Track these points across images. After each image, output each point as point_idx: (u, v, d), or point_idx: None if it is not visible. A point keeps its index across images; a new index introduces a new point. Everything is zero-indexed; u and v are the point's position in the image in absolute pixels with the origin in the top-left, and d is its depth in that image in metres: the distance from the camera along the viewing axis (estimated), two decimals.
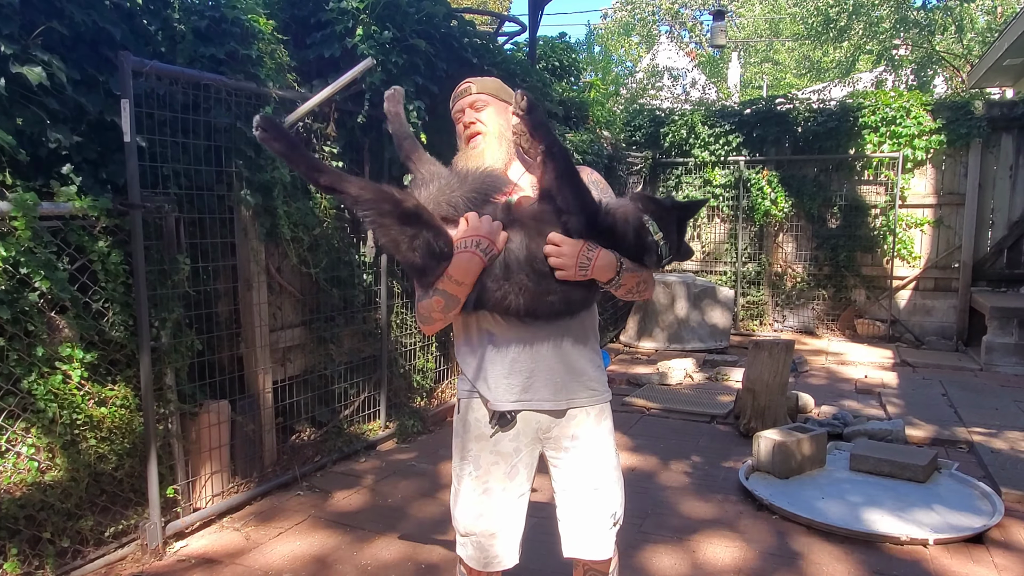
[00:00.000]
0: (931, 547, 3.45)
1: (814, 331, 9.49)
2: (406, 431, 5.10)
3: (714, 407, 5.92)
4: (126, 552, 3.32)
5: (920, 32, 15.29)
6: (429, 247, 1.82)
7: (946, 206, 8.85)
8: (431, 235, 1.82)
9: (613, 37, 27.72)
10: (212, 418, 3.76)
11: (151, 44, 3.50)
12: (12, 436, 2.92)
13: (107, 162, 3.30)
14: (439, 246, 1.83)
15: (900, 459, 4.30)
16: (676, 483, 4.34)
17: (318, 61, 4.47)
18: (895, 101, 8.86)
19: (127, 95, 3.12)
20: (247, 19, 3.74)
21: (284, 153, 1.75)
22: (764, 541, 3.56)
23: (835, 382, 7.01)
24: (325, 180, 1.77)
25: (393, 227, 1.79)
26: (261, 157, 3.90)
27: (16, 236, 2.84)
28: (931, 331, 8.99)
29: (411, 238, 1.80)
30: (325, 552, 3.45)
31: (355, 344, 4.96)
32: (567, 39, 9.84)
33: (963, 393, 6.40)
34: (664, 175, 10.09)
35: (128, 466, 3.34)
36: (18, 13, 2.87)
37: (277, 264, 4.36)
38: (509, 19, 6.80)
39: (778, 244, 9.63)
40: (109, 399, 3.23)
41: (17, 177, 2.96)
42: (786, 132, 9.37)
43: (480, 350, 2.03)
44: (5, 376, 2.87)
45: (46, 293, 2.97)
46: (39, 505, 2.99)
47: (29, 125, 2.95)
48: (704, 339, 8.51)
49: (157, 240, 3.44)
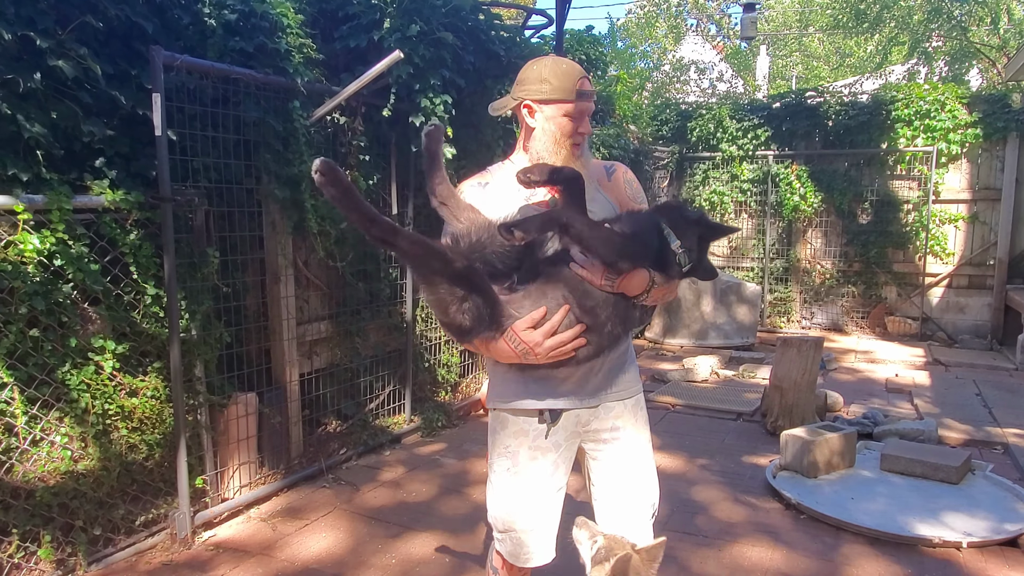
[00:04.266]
0: (964, 550, 3.38)
1: (843, 328, 9.35)
2: (431, 425, 5.11)
3: (740, 404, 5.86)
4: (156, 541, 3.37)
5: (954, 24, 14.94)
6: (478, 313, 1.76)
7: (981, 201, 8.65)
8: (481, 300, 1.76)
9: (639, 30, 27.47)
10: (240, 410, 3.80)
11: (182, 38, 3.52)
12: (46, 425, 2.97)
13: (138, 156, 3.34)
14: (487, 313, 1.77)
15: (932, 460, 4.21)
16: (702, 481, 4.30)
17: (345, 54, 4.48)
18: (929, 94, 8.68)
19: (158, 89, 3.15)
20: (276, 13, 3.75)
21: (339, 199, 1.66)
22: (792, 542, 3.52)
23: (865, 380, 6.90)
24: (376, 232, 1.69)
25: (442, 286, 1.74)
26: (289, 151, 3.92)
27: (51, 229, 2.88)
28: (964, 329, 8.80)
29: (460, 300, 1.75)
30: (351, 546, 3.47)
31: (380, 338, 4.98)
32: (593, 32, 9.78)
33: (998, 393, 6.26)
34: (691, 170, 9.99)
35: (158, 456, 3.38)
36: (53, 8, 2.91)
37: (304, 258, 4.38)
38: (536, 12, 6.75)
39: (806, 240, 9.49)
40: (140, 390, 3.27)
41: (52, 171, 3.00)
42: (816, 126, 9.22)
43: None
44: (40, 366, 2.92)
45: (79, 285, 3.01)
46: (72, 493, 3.04)
47: (63, 119, 2.99)
48: (730, 336, 8.42)
49: (187, 233, 3.47)
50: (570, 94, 1.96)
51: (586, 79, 2.00)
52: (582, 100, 1.98)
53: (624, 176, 2.05)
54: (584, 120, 2.02)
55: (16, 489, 2.88)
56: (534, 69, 1.99)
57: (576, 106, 1.98)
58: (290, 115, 3.88)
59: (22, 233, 2.83)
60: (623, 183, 2.11)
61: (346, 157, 4.50)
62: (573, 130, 2.00)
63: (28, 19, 2.83)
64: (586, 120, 2.02)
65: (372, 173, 4.66)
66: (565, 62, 2.00)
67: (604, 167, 2.15)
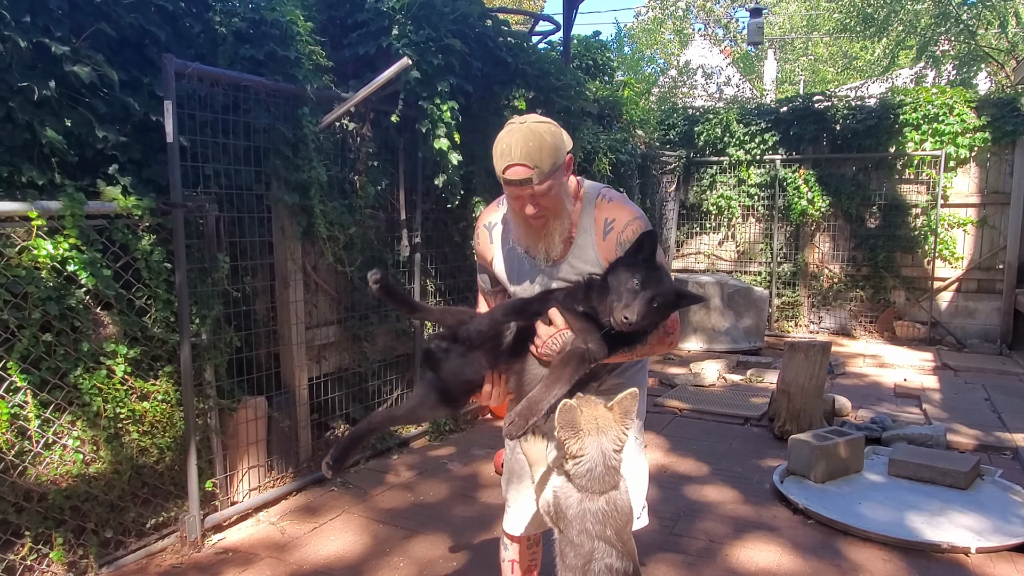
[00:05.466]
0: (973, 555, 3.37)
1: (851, 333, 9.33)
2: (439, 429, 5.13)
3: (748, 409, 5.85)
4: (166, 544, 3.40)
5: (962, 27, 14.90)
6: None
7: (990, 205, 8.62)
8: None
9: (645, 35, 27.50)
10: (250, 413, 3.83)
11: (193, 46, 3.57)
12: (59, 428, 3.01)
13: (150, 162, 3.38)
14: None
15: (941, 465, 4.20)
16: (709, 485, 4.30)
17: (354, 61, 4.51)
18: (937, 98, 8.67)
19: (170, 96, 3.19)
20: (286, 21, 3.79)
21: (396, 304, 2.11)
22: (800, 546, 3.51)
23: (873, 385, 6.88)
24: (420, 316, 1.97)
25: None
26: (298, 157, 3.95)
27: (64, 234, 2.92)
28: (973, 334, 8.77)
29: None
30: (360, 548, 3.49)
31: (388, 342, 5.01)
32: (600, 37, 9.81)
33: (1007, 398, 6.24)
34: (698, 174, 10.00)
35: (168, 459, 3.41)
36: (68, 16, 2.95)
37: (313, 262, 4.41)
38: (543, 18, 6.79)
39: (814, 244, 9.48)
40: (151, 394, 3.31)
41: (65, 177, 3.04)
42: (824, 130, 9.22)
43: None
44: (53, 370, 2.96)
45: (92, 290, 3.05)
46: (84, 496, 3.07)
47: (77, 126, 3.04)
48: (737, 340, 8.41)
49: (198, 239, 3.51)
50: (500, 178, 1.93)
51: (517, 166, 1.87)
52: (509, 187, 1.93)
53: (619, 238, 2.00)
54: (524, 204, 1.94)
55: (29, 492, 2.91)
56: (499, 136, 1.94)
57: (507, 191, 1.96)
58: (300, 121, 3.91)
59: (36, 239, 2.87)
60: (615, 245, 2.02)
61: (354, 163, 4.54)
62: (519, 209, 1.97)
63: (44, 27, 2.87)
64: (532, 204, 1.93)
65: (380, 179, 4.69)
66: (506, 140, 1.90)
67: (605, 221, 2.06)
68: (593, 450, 1.69)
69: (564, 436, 1.67)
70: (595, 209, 2.08)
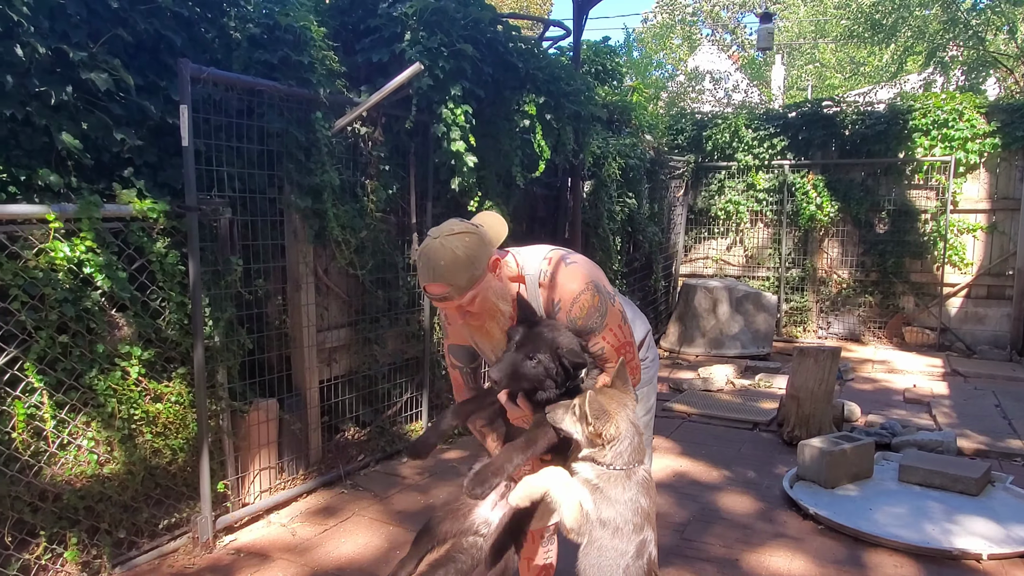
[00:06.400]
0: (984, 562, 3.36)
1: (860, 338, 9.30)
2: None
3: (757, 414, 5.84)
4: (178, 544, 3.42)
5: (970, 33, 14.85)
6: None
7: (1000, 211, 8.59)
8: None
9: (654, 40, 27.51)
10: (261, 416, 3.85)
11: (208, 51, 3.60)
12: (74, 429, 3.03)
13: (165, 166, 3.41)
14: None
15: (952, 471, 4.19)
16: (718, 490, 4.29)
17: (367, 66, 4.54)
18: (947, 103, 8.64)
19: (186, 101, 3.22)
20: (300, 26, 3.82)
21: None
22: (810, 551, 3.51)
23: (882, 391, 6.86)
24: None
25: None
26: (311, 161, 3.98)
27: (81, 237, 2.95)
28: (983, 340, 8.73)
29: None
30: (372, 550, 3.50)
31: (399, 345, 5.03)
32: (609, 43, 9.83)
33: (1018, 404, 6.21)
34: (707, 179, 9.99)
35: (181, 461, 3.44)
36: (85, 22, 2.99)
37: (325, 266, 4.44)
38: (553, 23, 6.80)
39: (823, 249, 9.46)
40: (164, 395, 3.33)
41: (82, 180, 3.08)
42: (833, 135, 9.20)
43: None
44: (68, 371, 2.98)
45: (107, 292, 3.08)
46: (98, 496, 3.10)
47: (94, 130, 3.07)
48: (746, 345, 8.40)
49: (212, 242, 3.53)
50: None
51: (433, 285, 1.93)
52: (433, 299, 1.99)
53: (568, 316, 2.04)
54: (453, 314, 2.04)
55: (44, 492, 2.94)
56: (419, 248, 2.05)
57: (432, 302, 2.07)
58: (312, 126, 3.94)
59: (53, 241, 2.90)
60: (567, 321, 2.05)
61: (366, 167, 4.57)
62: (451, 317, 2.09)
63: (62, 33, 2.91)
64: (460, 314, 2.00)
65: (391, 182, 4.72)
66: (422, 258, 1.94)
67: (552, 303, 2.08)
68: (625, 425, 1.85)
69: (599, 426, 1.81)
70: (540, 291, 2.08)
